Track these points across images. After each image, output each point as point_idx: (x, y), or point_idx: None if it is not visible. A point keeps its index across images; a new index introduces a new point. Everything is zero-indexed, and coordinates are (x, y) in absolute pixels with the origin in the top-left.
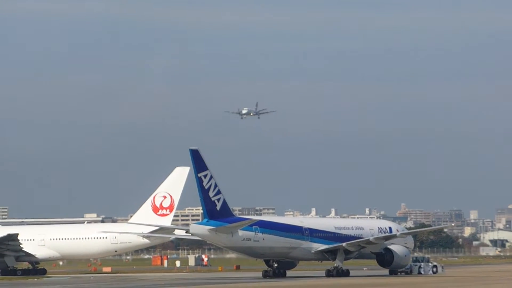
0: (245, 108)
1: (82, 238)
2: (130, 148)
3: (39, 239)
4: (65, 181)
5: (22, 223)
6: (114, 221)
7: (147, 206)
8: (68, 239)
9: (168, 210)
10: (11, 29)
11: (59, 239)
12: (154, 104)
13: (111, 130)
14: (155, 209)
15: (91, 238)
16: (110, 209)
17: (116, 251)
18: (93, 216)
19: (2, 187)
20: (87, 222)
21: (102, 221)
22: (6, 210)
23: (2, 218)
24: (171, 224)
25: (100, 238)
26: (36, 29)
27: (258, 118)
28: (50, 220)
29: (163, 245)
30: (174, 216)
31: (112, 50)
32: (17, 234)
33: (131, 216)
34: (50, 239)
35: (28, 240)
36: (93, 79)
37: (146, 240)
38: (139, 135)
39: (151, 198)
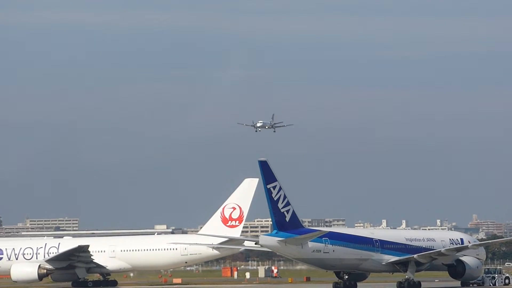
0: (260, 121)
1: (153, 250)
2: (200, 159)
3: (110, 251)
4: (136, 192)
5: (92, 235)
6: (184, 232)
7: (216, 217)
8: (138, 250)
9: (237, 222)
10: (82, 39)
11: (130, 250)
12: (223, 114)
13: (181, 141)
14: (225, 221)
15: (162, 250)
16: (180, 221)
17: (186, 262)
18: (163, 227)
19: (73, 199)
20: (157, 234)
21: (172, 233)
22: (77, 221)
23: (73, 230)
24: (241, 235)
25: (170, 249)
26: (106, 39)
27: (274, 131)
28: (121, 231)
29: (233, 256)
30: (244, 227)
31: (180, 60)
32: (88, 246)
33: (201, 228)
34: (121, 251)
35: (99, 251)
36: (161, 89)
37: (216, 252)
38: (209, 146)
39: (220, 209)
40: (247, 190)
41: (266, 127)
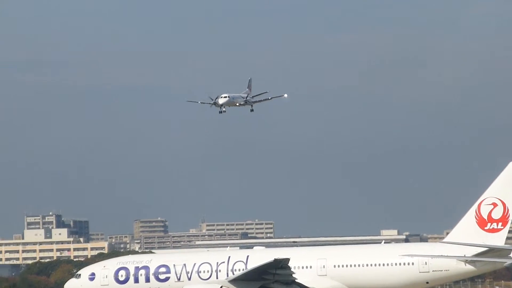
0: (223, 95)
1: (379, 265)
2: (437, 134)
3: (319, 266)
4: (351, 186)
5: (293, 244)
6: (423, 239)
7: (469, 217)
8: (358, 265)
9: (500, 224)
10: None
11: (346, 265)
12: (460, 70)
13: (395, 110)
14: (482, 222)
15: (391, 264)
16: (417, 224)
17: (427, 282)
18: (393, 233)
19: (267, 196)
20: (385, 242)
21: (406, 240)
22: (271, 226)
23: (267, 237)
24: (505, 243)
25: (403, 264)
26: None
27: (252, 110)
28: (333, 239)
29: (495, 273)
30: (510, 232)
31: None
32: (287, 260)
33: (447, 233)
34: (334, 266)
35: (302, 267)
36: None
37: (469, 267)
38: (444, 113)
39: (475, 206)
40: None
41: (237, 104)
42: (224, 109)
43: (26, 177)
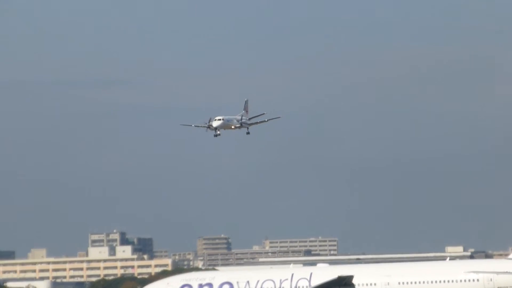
0: (218, 117)
1: (443, 281)
2: (501, 153)
3: (383, 283)
4: (415, 203)
5: (357, 261)
6: (488, 256)
7: None
8: (423, 282)
9: None
10: None
11: (411, 282)
12: None
13: (479, 123)
14: None
15: (456, 281)
16: (483, 240)
17: None
18: (458, 250)
19: (329, 212)
20: (450, 259)
21: (471, 257)
22: (335, 243)
23: (331, 254)
24: None
25: (469, 280)
26: None
27: (248, 133)
28: (398, 256)
29: None
30: None
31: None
32: (351, 277)
33: None
34: (399, 283)
35: (367, 284)
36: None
37: None
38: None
39: None
40: None
41: (233, 126)
42: (218, 132)
43: (91, 194)
